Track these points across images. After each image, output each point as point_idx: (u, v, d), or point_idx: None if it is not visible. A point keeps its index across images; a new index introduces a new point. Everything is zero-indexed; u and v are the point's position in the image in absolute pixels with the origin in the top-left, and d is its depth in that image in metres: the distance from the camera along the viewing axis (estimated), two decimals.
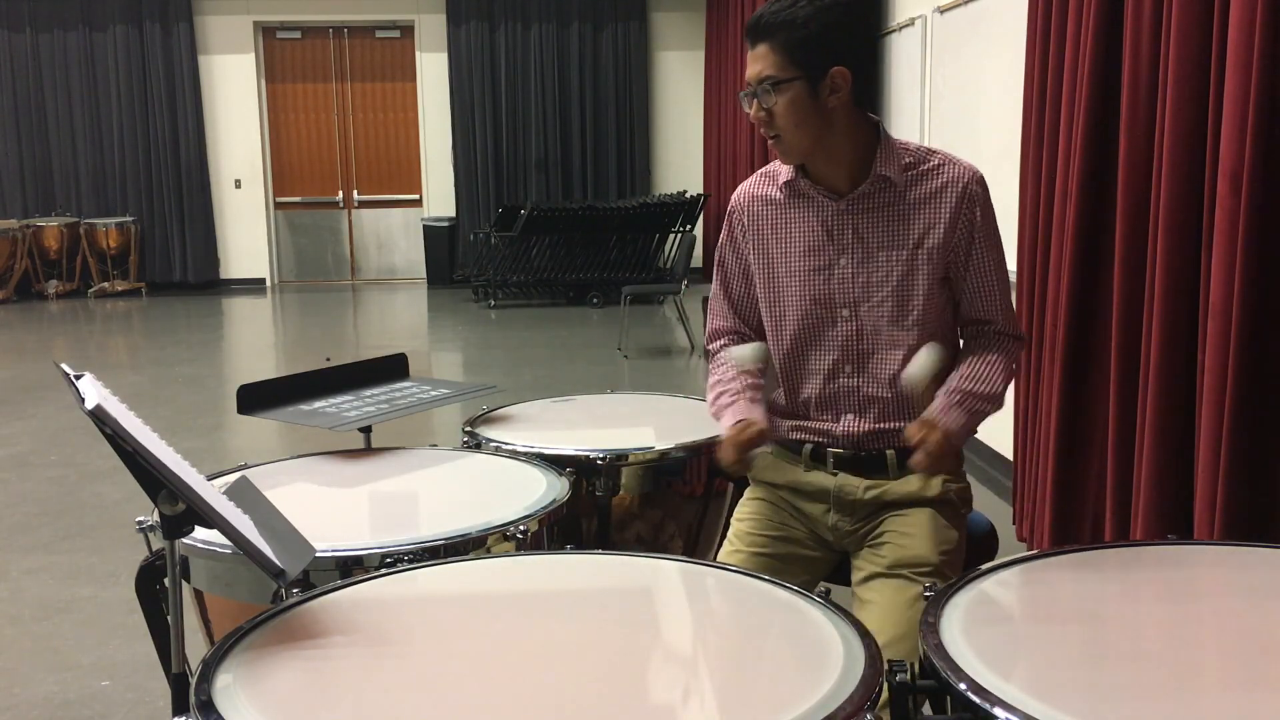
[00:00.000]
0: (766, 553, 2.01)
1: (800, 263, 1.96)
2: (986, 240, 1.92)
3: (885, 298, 1.91)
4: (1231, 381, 2.43)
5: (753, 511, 2.07)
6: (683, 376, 7.23)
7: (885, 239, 1.91)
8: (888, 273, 1.91)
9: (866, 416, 1.96)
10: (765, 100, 1.86)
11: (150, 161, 11.76)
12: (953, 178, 1.90)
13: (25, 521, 4.43)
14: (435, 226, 11.84)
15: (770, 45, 1.85)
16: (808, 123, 1.86)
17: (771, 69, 1.85)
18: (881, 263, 1.91)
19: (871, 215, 1.92)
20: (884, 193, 1.91)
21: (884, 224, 1.92)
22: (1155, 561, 1.67)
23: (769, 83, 1.85)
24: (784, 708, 1.22)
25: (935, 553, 1.89)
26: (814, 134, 1.88)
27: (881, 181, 1.91)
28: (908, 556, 1.89)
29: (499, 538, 1.83)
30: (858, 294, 1.93)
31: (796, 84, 1.84)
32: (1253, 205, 2.39)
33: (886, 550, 1.91)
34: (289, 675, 1.34)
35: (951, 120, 5.22)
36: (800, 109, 1.85)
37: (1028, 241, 3.66)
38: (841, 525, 1.98)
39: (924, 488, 1.93)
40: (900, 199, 1.91)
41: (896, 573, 1.88)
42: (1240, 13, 2.42)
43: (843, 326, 1.95)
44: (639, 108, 11.98)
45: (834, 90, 1.85)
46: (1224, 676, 1.34)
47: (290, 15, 11.99)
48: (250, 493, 1.68)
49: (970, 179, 1.91)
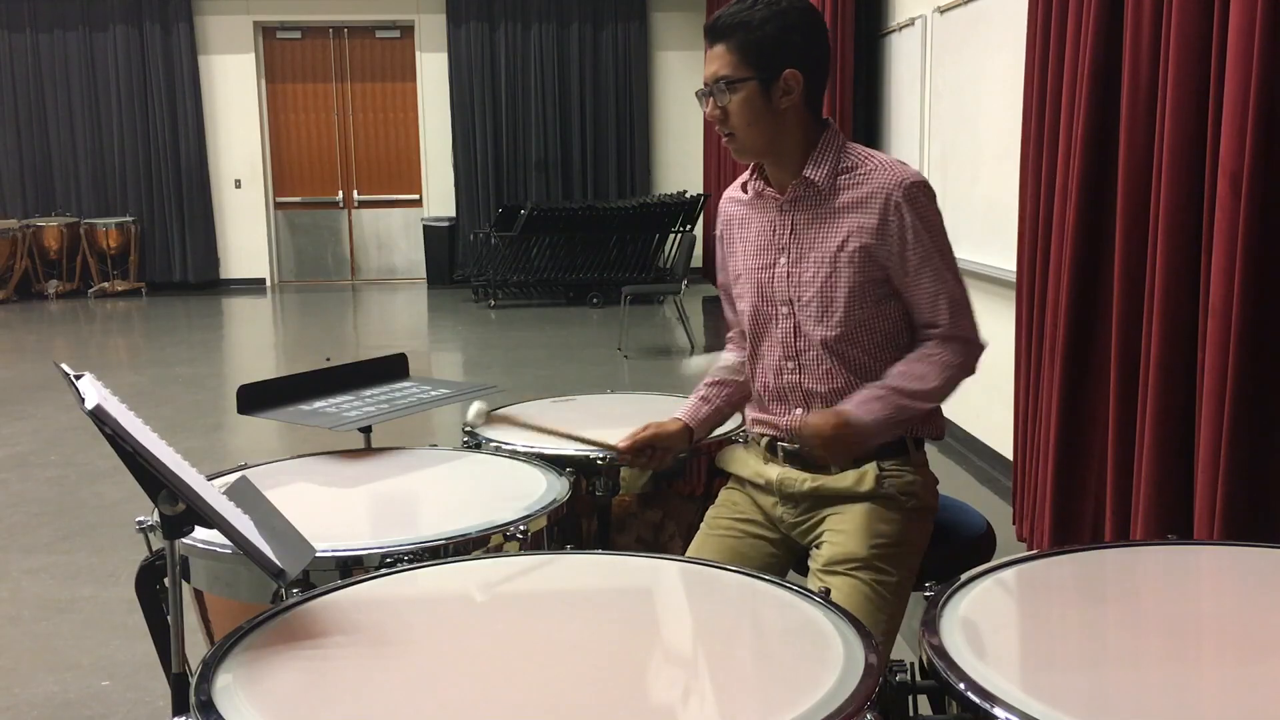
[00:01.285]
0: (729, 535, 2.07)
1: (753, 260, 2.05)
2: (920, 247, 1.92)
3: (812, 298, 1.97)
4: (1231, 381, 2.43)
5: (723, 499, 2.15)
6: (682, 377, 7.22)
7: (814, 240, 1.97)
8: (814, 273, 1.96)
9: (810, 410, 2.00)
10: (720, 99, 1.93)
11: (150, 161, 11.76)
12: (880, 185, 1.91)
13: (25, 521, 4.43)
14: (435, 226, 11.84)
15: (726, 45, 1.91)
16: (760, 122, 1.92)
17: (726, 69, 1.91)
18: (810, 263, 1.97)
19: (804, 216, 1.98)
20: (811, 195, 1.96)
21: (814, 226, 1.96)
22: (1155, 561, 1.67)
23: (724, 82, 1.91)
24: (784, 708, 1.22)
25: (865, 547, 1.91)
26: (766, 134, 1.94)
27: (805, 184, 1.95)
28: (839, 553, 1.92)
29: (499, 538, 1.83)
30: (792, 292, 1.99)
31: (750, 84, 1.90)
32: (1253, 205, 2.39)
33: (824, 548, 1.96)
34: (289, 675, 1.34)
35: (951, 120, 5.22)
36: (753, 109, 1.91)
37: (1028, 241, 3.66)
38: (786, 517, 2.03)
39: (858, 482, 1.96)
40: (827, 202, 1.95)
41: (832, 570, 1.92)
42: (1240, 13, 2.42)
43: (783, 323, 2.02)
44: (639, 108, 11.98)
45: (786, 92, 1.91)
46: (1224, 676, 1.34)
47: (290, 15, 11.99)
48: (250, 493, 1.68)
49: (896, 186, 1.90)
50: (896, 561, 1.92)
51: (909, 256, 1.92)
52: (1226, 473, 2.45)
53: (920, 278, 1.93)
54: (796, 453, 2.02)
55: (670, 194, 11.09)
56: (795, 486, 2.01)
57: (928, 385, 1.93)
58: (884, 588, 1.89)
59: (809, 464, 2.00)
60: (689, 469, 2.38)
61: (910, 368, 1.95)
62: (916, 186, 1.91)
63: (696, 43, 11.88)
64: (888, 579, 1.89)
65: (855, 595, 1.87)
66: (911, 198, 1.90)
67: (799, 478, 2.00)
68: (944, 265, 1.94)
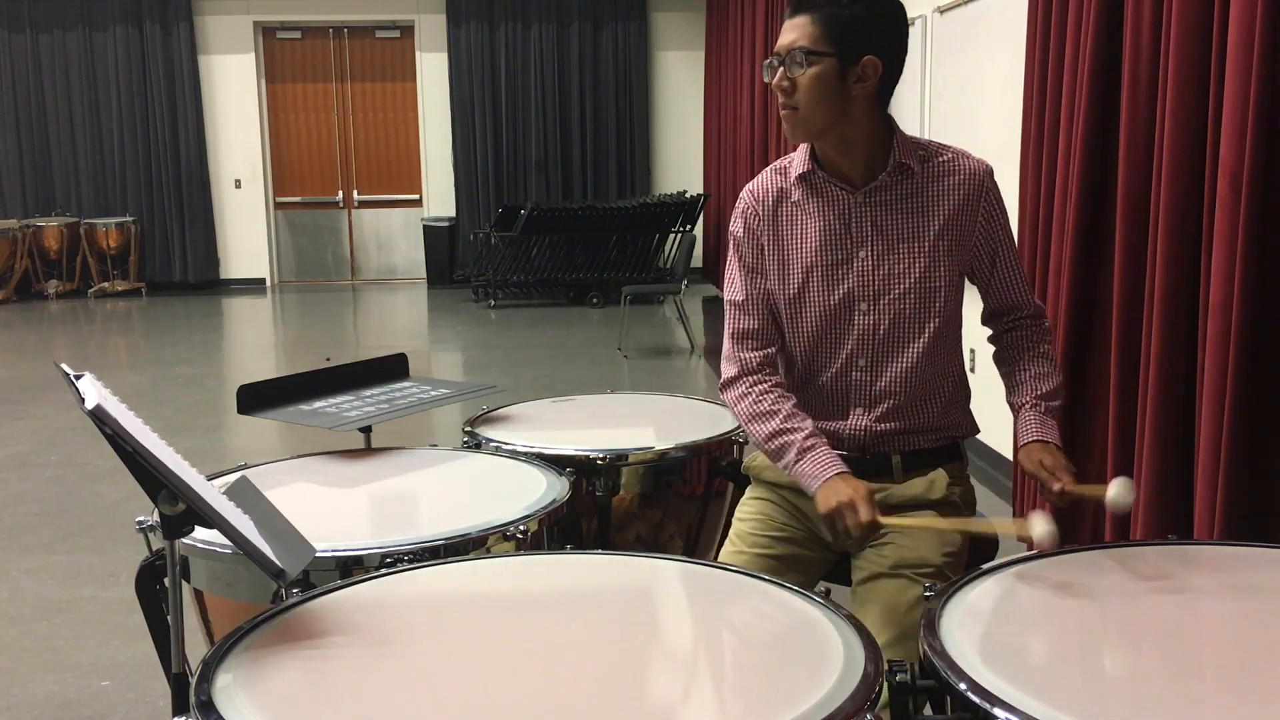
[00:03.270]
0: (769, 553, 2.00)
1: (817, 257, 1.94)
2: (1005, 232, 1.97)
3: (908, 290, 1.91)
4: (1231, 381, 2.43)
5: (755, 511, 2.06)
6: (683, 376, 7.23)
7: (906, 231, 1.91)
8: (909, 265, 1.90)
9: (874, 412, 1.96)
10: (792, 70, 1.84)
11: (150, 161, 11.76)
12: (969, 172, 1.92)
13: (25, 521, 4.43)
14: (435, 226, 11.84)
15: (811, 17, 1.83)
16: (827, 102, 1.85)
17: (806, 40, 1.83)
18: (903, 255, 1.91)
19: (890, 207, 1.92)
20: (902, 184, 1.91)
21: (904, 216, 1.91)
22: (1155, 561, 1.67)
23: (801, 53, 1.83)
24: (784, 708, 1.22)
25: (938, 554, 1.89)
26: (830, 116, 1.86)
27: (901, 171, 1.90)
28: (911, 557, 1.88)
29: (499, 538, 1.83)
30: (878, 287, 1.92)
31: (828, 61, 1.83)
32: (1253, 205, 2.39)
33: (889, 550, 1.91)
34: (289, 675, 1.34)
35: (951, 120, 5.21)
36: (823, 87, 1.84)
37: (1028, 241, 3.66)
38: None
39: (928, 490, 1.94)
40: (919, 191, 1.91)
41: (899, 573, 1.88)
42: (1240, 13, 2.42)
43: (860, 320, 1.93)
44: (639, 108, 11.98)
45: (861, 78, 1.85)
46: (1224, 676, 1.34)
47: (290, 15, 11.99)
48: (250, 493, 1.68)
49: (985, 174, 1.93)
50: (958, 569, 1.91)
51: (999, 245, 1.95)
52: (1226, 473, 2.45)
53: (1009, 262, 1.97)
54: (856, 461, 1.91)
55: (670, 194, 11.08)
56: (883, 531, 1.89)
57: (1059, 380, 2.01)
58: None
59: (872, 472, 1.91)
60: (689, 469, 2.37)
61: (1038, 368, 1.99)
62: (993, 174, 1.95)
63: (697, 43, 11.93)
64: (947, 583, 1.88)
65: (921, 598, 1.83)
66: (995, 184, 1.94)
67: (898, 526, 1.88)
68: (1015, 248, 2.00)
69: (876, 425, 1.95)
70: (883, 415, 1.95)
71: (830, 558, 2.04)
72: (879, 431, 1.96)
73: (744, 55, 9.03)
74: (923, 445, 1.96)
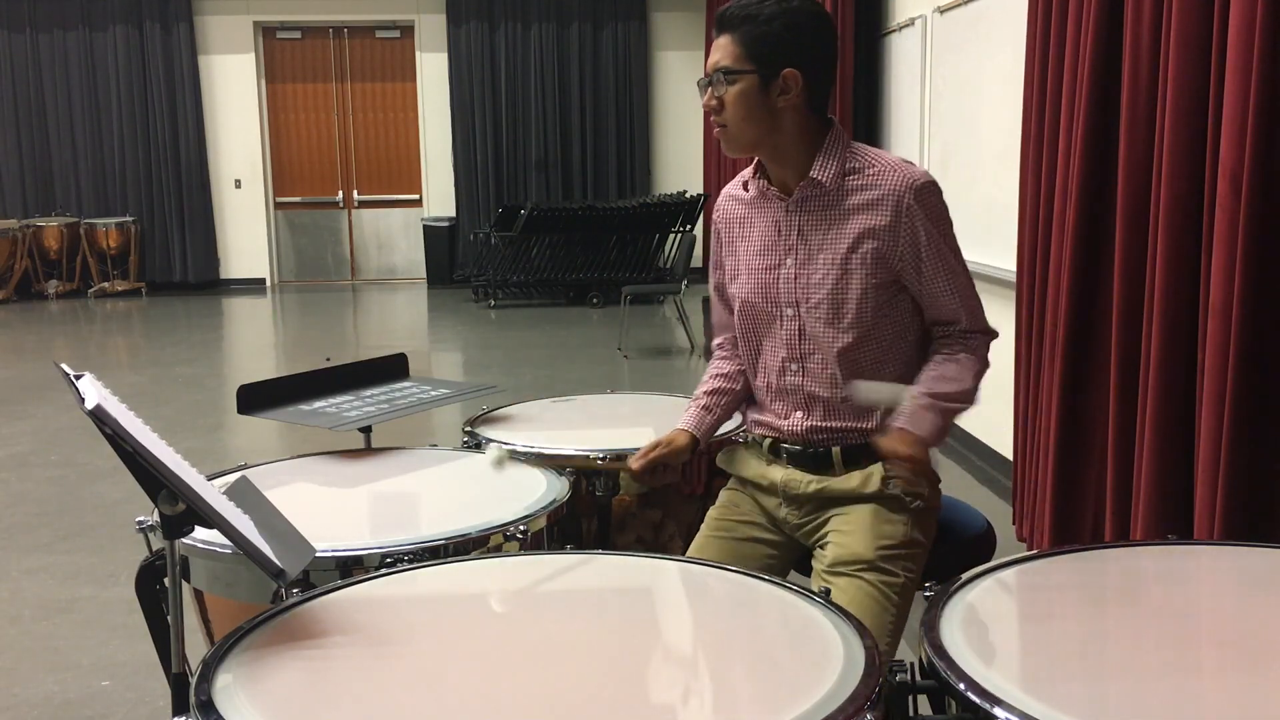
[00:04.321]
0: (731, 537, 2.06)
1: (756, 260, 2.02)
2: (933, 248, 1.92)
3: (821, 300, 1.95)
4: (1231, 381, 2.43)
5: (724, 500, 2.14)
6: (683, 376, 7.23)
7: (823, 242, 1.94)
8: (824, 275, 1.94)
9: (812, 414, 2.00)
10: (718, 89, 1.91)
11: (150, 161, 11.76)
12: (890, 189, 1.90)
13: (25, 521, 4.43)
14: (435, 226, 11.85)
15: (731, 37, 1.90)
16: (753, 117, 1.90)
17: (728, 60, 1.90)
18: (820, 264, 1.95)
19: (812, 217, 1.95)
20: (819, 196, 1.94)
21: (823, 227, 1.95)
22: (1155, 561, 1.67)
23: (723, 73, 1.90)
24: (784, 708, 1.22)
25: (871, 549, 1.90)
26: (759, 130, 1.92)
27: (812, 185, 1.94)
28: (844, 554, 1.92)
29: (499, 538, 1.83)
30: (799, 294, 1.97)
31: (749, 78, 1.89)
32: (1253, 205, 2.39)
33: (829, 549, 1.95)
34: (289, 675, 1.34)
35: (951, 120, 5.22)
36: (748, 103, 1.90)
37: (1028, 241, 3.66)
38: (790, 518, 2.03)
39: (864, 484, 1.95)
40: (837, 204, 1.93)
41: (837, 571, 1.91)
42: (1240, 13, 2.42)
43: (787, 325, 2.00)
44: (639, 108, 11.98)
45: (784, 91, 1.89)
46: (1224, 676, 1.34)
47: (290, 15, 11.98)
48: (250, 493, 1.68)
49: (908, 189, 1.89)
50: (902, 563, 1.91)
51: (924, 258, 1.92)
52: (1226, 473, 2.45)
53: (936, 278, 1.94)
54: (799, 454, 2.01)
55: (670, 194, 11.09)
56: (800, 488, 2.00)
57: (964, 386, 1.94)
58: (890, 589, 1.88)
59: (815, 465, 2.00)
60: (689, 469, 2.38)
61: (941, 370, 1.94)
62: (927, 187, 1.91)
63: (696, 43, 11.92)
64: (893, 580, 1.89)
65: (861, 596, 1.86)
66: (922, 199, 1.90)
67: (803, 479, 2.00)
68: (956, 262, 1.95)
69: (816, 423, 2.00)
70: (821, 415, 2.00)
71: (794, 547, 2.07)
72: (817, 428, 2.00)
73: None
74: (861, 440, 1.98)
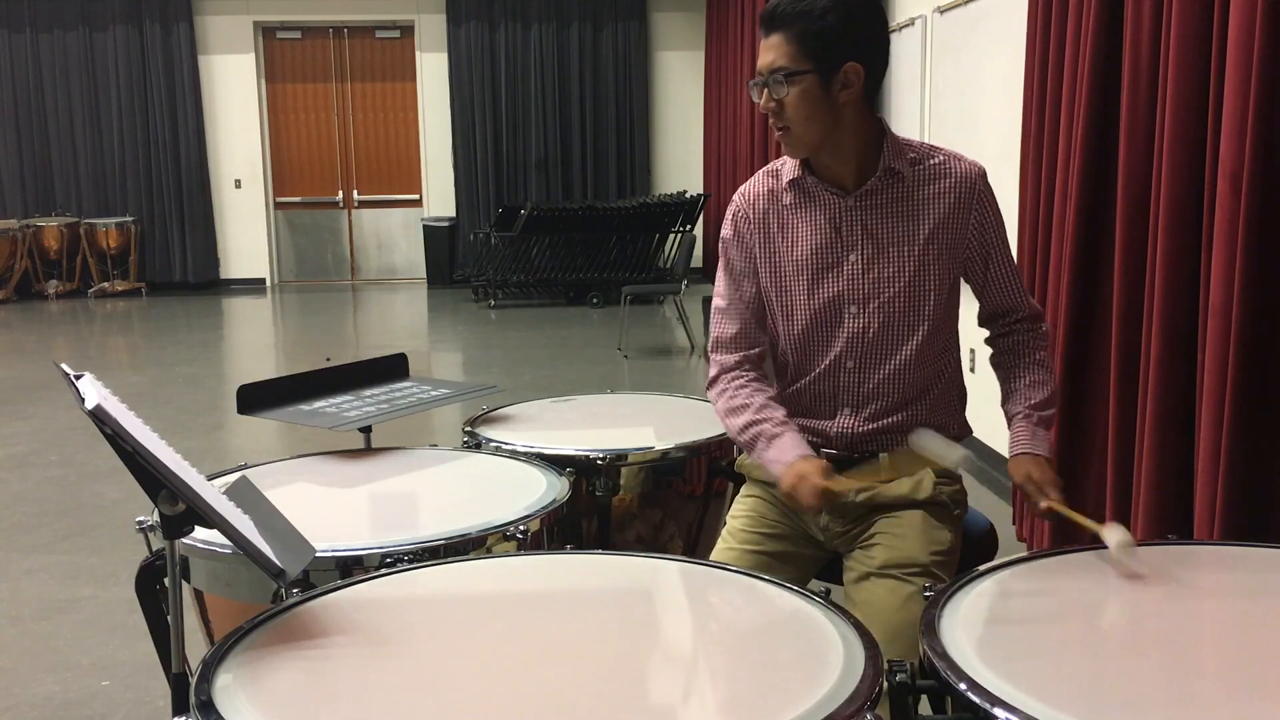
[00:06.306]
0: (760, 550, 2.01)
1: (807, 260, 1.95)
2: (998, 235, 1.96)
3: (898, 293, 1.91)
4: (1231, 381, 2.43)
5: (747, 509, 2.07)
6: (683, 376, 7.23)
7: (896, 234, 1.91)
8: (899, 268, 1.90)
9: (863, 413, 1.97)
10: (776, 91, 1.84)
11: (150, 161, 11.76)
12: (961, 175, 1.91)
13: (25, 521, 4.43)
14: (435, 226, 11.85)
15: (785, 35, 1.82)
16: (817, 116, 1.85)
17: (785, 60, 1.82)
18: (893, 258, 1.91)
19: (881, 211, 1.91)
20: (892, 188, 1.91)
21: (894, 219, 1.91)
22: (1155, 561, 1.67)
23: (781, 74, 1.83)
24: (784, 708, 1.22)
25: (925, 553, 1.89)
26: (823, 128, 1.86)
27: (890, 176, 1.90)
28: (898, 557, 1.89)
29: (499, 538, 1.83)
30: (868, 290, 1.92)
31: (809, 77, 1.82)
32: (1253, 205, 2.39)
33: (877, 551, 1.91)
34: (289, 675, 1.34)
35: (951, 120, 5.22)
36: (811, 102, 1.83)
37: (1028, 241, 3.66)
38: (832, 527, 1.99)
39: (915, 490, 1.93)
40: (909, 195, 1.90)
41: (887, 573, 1.88)
42: (1240, 13, 2.42)
43: (850, 323, 1.94)
44: (639, 108, 11.98)
45: (846, 86, 1.84)
46: (1224, 677, 1.34)
47: (290, 15, 11.99)
48: (250, 493, 1.68)
49: (977, 176, 1.92)
50: (947, 569, 1.90)
51: (993, 244, 1.94)
52: (1226, 473, 2.45)
53: (1003, 265, 1.96)
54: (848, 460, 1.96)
55: (670, 194, 11.08)
56: (849, 497, 1.93)
57: (1052, 387, 1.99)
58: None
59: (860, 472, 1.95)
60: (689, 469, 2.38)
61: (1032, 377, 1.98)
62: (986, 175, 1.93)
63: (697, 43, 11.92)
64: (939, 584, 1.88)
65: (909, 598, 1.83)
66: (988, 187, 1.93)
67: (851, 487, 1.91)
68: (1009, 247, 1.99)
69: (864, 425, 1.96)
70: (870, 415, 1.96)
71: (821, 556, 2.04)
72: (866, 431, 1.96)
73: (744, 55, 9.02)
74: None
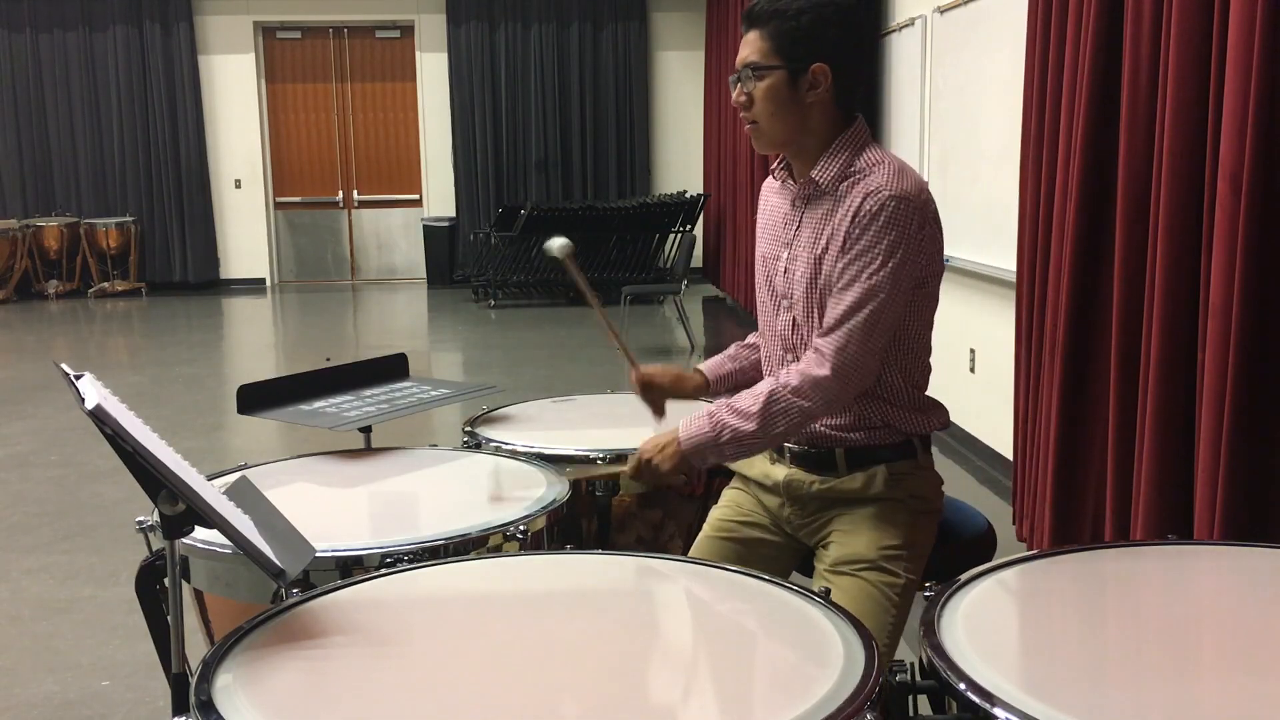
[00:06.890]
0: (733, 537, 2.06)
1: (766, 249, 2.04)
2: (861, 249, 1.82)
3: (801, 297, 1.94)
4: (1231, 381, 2.43)
5: (728, 500, 2.13)
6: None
7: (806, 241, 1.93)
8: (801, 274, 1.94)
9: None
10: (746, 85, 1.90)
11: (150, 161, 11.77)
12: (862, 191, 1.84)
13: (25, 521, 4.43)
14: (435, 226, 11.85)
15: (760, 32, 1.88)
16: (782, 113, 1.89)
17: (756, 55, 1.89)
18: (800, 263, 1.94)
19: (808, 215, 1.95)
20: (816, 195, 1.93)
21: (809, 226, 1.94)
22: (1155, 561, 1.67)
23: (751, 68, 1.89)
24: (784, 708, 1.22)
25: (874, 549, 1.90)
26: (789, 126, 1.90)
27: (810, 184, 1.93)
28: (847, 554, 1.92)
29: (499, 538, 1.83)
30: (789, 287, 1.97)
31: (778, 73, 1.87)
32: (1253, 205, 2.39)
33: (831, 549, 1.95)
34: (289, 675, 1.34)
35: (951, 120, 5.22)
36: (777, 99, 1.88)
37: (1028, 242, 3.66)
38: (793, 518, 2.02)
39: (867, 486, 1.94)
40: (830, 204, 1.90)
41: (839, 570, 1.91)
42: (1240, 13, 2.42)
43: (782, 316, 1.99)
44: (639, 108, 11.98)
45: (813, 86, 1.87)
46: (1224, 677, 1.34)
47: (290, 15, 11.99)
48: (250, 493, 1.68)
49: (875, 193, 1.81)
50: (904, 564, 1.91)
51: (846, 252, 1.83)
52: (1226, 473, 2.45)
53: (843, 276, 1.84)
54: (802, 454, 1.98)
55: (670, 194, 11.09)
56: (803, 488, 1.98)
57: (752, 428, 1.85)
58: (891, 589, 1.88)
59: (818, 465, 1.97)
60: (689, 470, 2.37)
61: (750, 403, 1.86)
62: (898, 200, 1.80)
63: (697, 43, 11.92)
64: (894, 580, 1.89)
65: (862, 596, 1.86)
66: (886, 208, 1.80)
67: (806, 479, 1.98)
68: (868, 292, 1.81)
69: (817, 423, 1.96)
70: None
71: (796, 548, 2.06)
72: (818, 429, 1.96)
73: None
74: (865, 442, 1.95)
